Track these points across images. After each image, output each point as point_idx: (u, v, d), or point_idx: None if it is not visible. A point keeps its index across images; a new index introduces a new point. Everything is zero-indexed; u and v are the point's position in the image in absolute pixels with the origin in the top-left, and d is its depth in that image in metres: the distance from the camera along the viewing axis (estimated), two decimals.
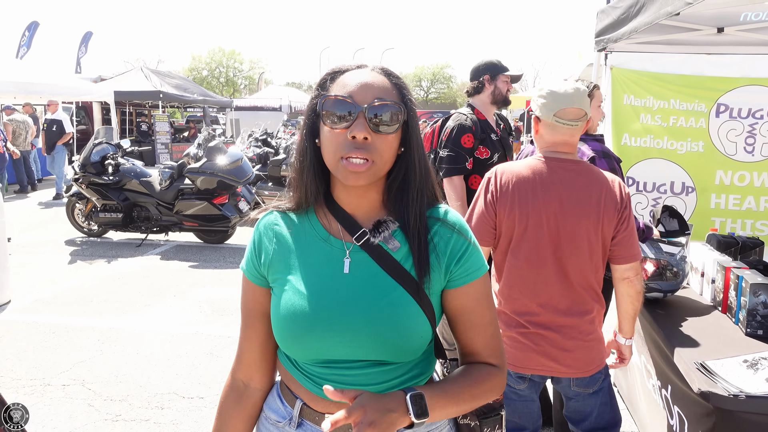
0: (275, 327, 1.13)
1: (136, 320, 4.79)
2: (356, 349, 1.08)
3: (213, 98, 19.53)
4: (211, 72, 52.02)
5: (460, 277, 1.14)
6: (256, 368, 1.22)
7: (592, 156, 2.57)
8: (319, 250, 1.14)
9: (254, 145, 10.19)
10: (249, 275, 1.19)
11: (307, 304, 1.09)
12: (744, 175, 5.63)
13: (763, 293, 2.18)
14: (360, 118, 1.05)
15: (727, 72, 5.30)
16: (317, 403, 1.13)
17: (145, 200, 7.36)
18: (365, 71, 1.11)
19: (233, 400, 1.23)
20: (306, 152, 1.13)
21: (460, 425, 1.22)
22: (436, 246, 1.14)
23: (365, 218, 1.15)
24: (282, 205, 1.20)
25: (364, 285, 1.10)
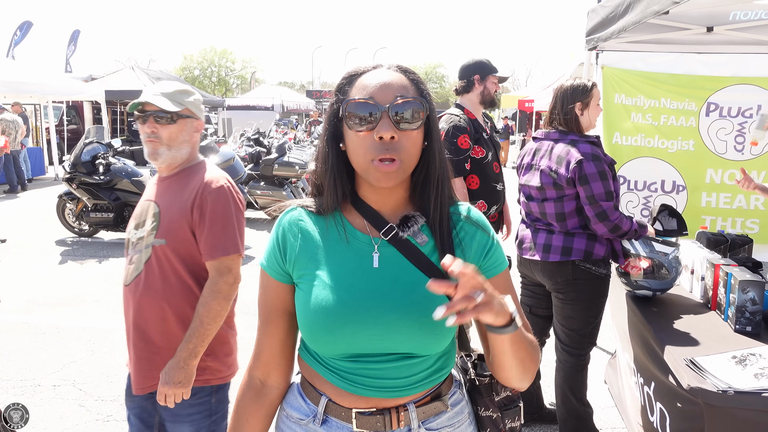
0: (304, 322, 1.13)
1: None
2: (387, 342, 1.09)
3: (205, 97, 19.45)
4: (203, 71, 51.80)
5: (489, 269, 1.17)
6: (275, 366, 1.22)
7: (579, 159, 2.58)
8: (346, 246, 1.14)
9: (246, 145, 10.16)
10: (270, 272, 1.18)
11: (339, 299, 1.09)
12: (734, 174, 5.66)
13: (752, 290, 2.20)
14: (384, 118, 1.06)
15: (717, 71, 5.34)
16: (344, 399, 1.14)
17: (137, 200, 7.30)
18: (382, 71, 1.12)
19: (250, 398, 1.22)
20: (329, 157, 1.13)
21: (482, 418, 1.23)
22: (462, 241, 1.16)
23: (391, 214, 1.16)
24: (306, 203, 1.20)
25: (394, 279, 1.11)
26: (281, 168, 8.77)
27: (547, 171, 2.70)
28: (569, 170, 2.59)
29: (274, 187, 8.84)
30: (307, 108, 26.01)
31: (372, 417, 1.12)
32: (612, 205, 2.58)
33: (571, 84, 2.76)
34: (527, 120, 20.00)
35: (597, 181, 2.55)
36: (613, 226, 2.57)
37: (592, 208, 2.58)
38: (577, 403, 2.81)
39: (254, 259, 6.78)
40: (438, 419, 1.17)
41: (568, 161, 2.60)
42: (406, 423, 1.14)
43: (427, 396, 1.17)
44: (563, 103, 2.74)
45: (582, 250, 2.67)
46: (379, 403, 1.13)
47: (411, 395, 1.14)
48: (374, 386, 1.11)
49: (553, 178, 2.67)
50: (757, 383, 1.78)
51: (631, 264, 2.60)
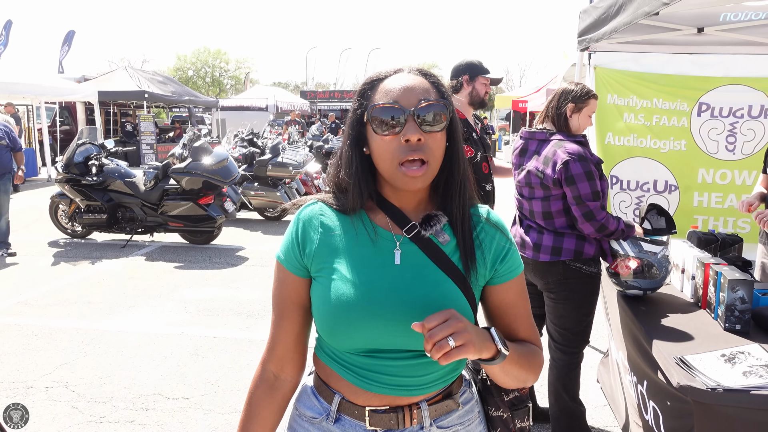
0: (322, 315, 1.13)
1: (120, 321, 4.76)
2: (405, 338, 1.10)
3: (199, 98, 19.42)
4: (197, 72, 51.66)
5: (505, 274, 1.19)
6: (289, 359, 1.22)
7: (566, 160, 2.60)
8: (368, 241, 1.15)
9: (240, 145, 10.15)
10: (287, 265, 1.19)
11: (361, 293, 1.10)
12: (725, 174, 5.71)
13: (741, 289, 2.21)
14: (410, 122, 1.08)
15: (709, 72, 5.37)
16: (358, 397, 1.15)
17: (130, 201, 7.30)
18: (403, 75, 1.14)
19: (263, 391, 1.23)
20: (353, 161, 1.15)
21: (493, 418, 1.25)
22: (482, 242, 1.18)
23: (413, 213, 1.18)
24: (327, 198, 1.21)
25: (415, 276, 1.13)
26: (275, 169, 8.76)
27: (534, 171, 2.72)
28: (556, 171, 2.61)
29: (267, 187, 8.83)
30: (302, 108, 25.98)
31: (385, 415, 1.14)
32: (599, 205, 2.60)
33: (574, 86, 2.79)
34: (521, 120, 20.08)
35: (584, 181, 2.57)
36: (600, 226, 2.59)
37: (579, 209, 2.59)
38: (570, 401, 2.82)
39: (248, 260, 6.78)
40: (449, 417, 1.19)
41: (555, 162, 2.62)
42: (418, 421, 1.15)
43: (439, 394, 1.18)
44: (558, 101, 2.77)
45: (572, 250, 2.68)
46: (392, 401, 1.14)
47: (424, 394, 1.16)
48: (389, 384, 1.13)
49: (540, 178, 2.69)
50: (746, 381, 1.80)
51: (620, 264, 2.61)
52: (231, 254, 7.07)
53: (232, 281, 5.92)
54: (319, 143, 12.01)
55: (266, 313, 4.98)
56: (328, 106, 30.16)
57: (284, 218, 9.36)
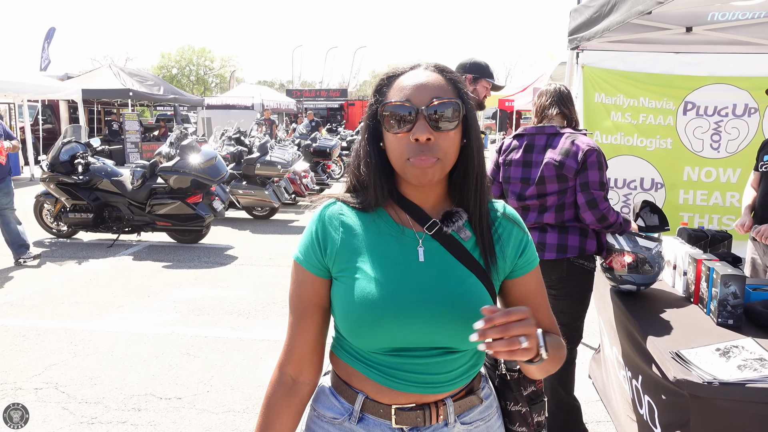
0: (347, 315, 1.12)
1: (109, 321, 4.71)
2: (432, 335, 1.10)
3: (184, 97, 19.24)
4: (181, 70, 51.20)
5: (524, 266, 1.21)
6: (307, 362, 1.21)
7: (586, 149, 2.66)
8: (390, 240, 1.15)
9: (227, 144, 10.08)
10: (307, 266, 1.17)
11: (387, 292, 1.09)
12: (710, 171, 5.79)
13: (733, 284, 2.25)
14: (420, 120, 1.07)
15: (694, 71, 5.45)
16: (383, 395, 1.14)
17: (117, 200, 7.23)
18: (419, 72, 1.13)
19: (281, 394, 1.20)
20: (371, 156, 1.15)
21: (511, 412, 1.26)
22: (501, 237, 1.20)
23: (432, 210, 1.18)
24: (345, 197, 1.20)
25: (440, 273, 1.13)
26: (263, 167, 8.72)
27: (551, 163, 2.73)
28: (578, 161, 2.66)
29: (256, 186, 8.79)
30: (288, 107, 25.86)
31: (412, 412, 1.13)
32: (602, 195, 2.65)
33: (557, 86, 2.86)
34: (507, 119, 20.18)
35: (595, 169, 2.63)
36: (601, 216, 2.63)
37: (584, 195, 2.64)
38: (566, 396, 2.85)
39: (237, 259, 6.74)
40: (471, 413, 1.19)
41: (576, 152, 2.67)
42: (444, 418, 1.15)
43: (462, 390, 1.19)
44: (566, 101, 2.82)
45: (576, 247, 2.72)
46: (419, 398, 1.14)
47: (449, 390, 1.16)
48: (416, 381, 1.12)
49: (558, 169, 2.71)
50: (741, 374, 1.82)
51: (615, 259, 2.64)
52: (220, 253, 7.03)
53: (222, 280, 5.89)
54: (307, 142, 11.97)
55: (256, 312, 4.96)
56: (315, 105, 30.06)
57: (272, 217, 9.33)
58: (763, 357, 1.92)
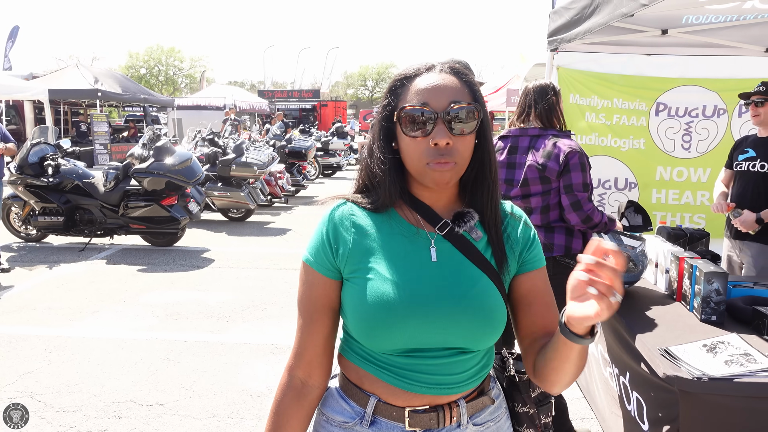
0: (360, 317, 1.10)
1: (84, 327, 4.59)
2: (446, 336, 1.09)
3: (154, 97, 18.90)
4: (150, 70, 50.35)
5: (532, 261, 1.21)
6: (317, 365, 1.19)
7: (568, 151, 2.68)
8: (403, 240, 1.14)
9: (201, 145, 9.94)
10: (318, 267, 1.16)
11: (402, 292, 1.08)
12: (682, 171, 5.93)
13: (716, 281, 2.30)
14: (439, 125, 1.07)
15: (666, 72, 5.57)
16: (397, 397, 1.13)
17: (89, 202, 7.06)
18: (435, 74, 1.12)
19: (291, 398, 1.18)
20: (385, 157, 1.14)
21: (519, 414, 1.25)
22: (509, 236, 1.20)
23: (443, 210, 1.18)
24: (356, 198, 1.19)
25: (453, 273, 1.12)
26: (239, 169, 8.63)
27: (534, 165, 2.75)
28: (560, 163, 2.67)
29: (231, 188, 8.69)
30: (260, 108, 25.63)
31: (426, 414, 1.13)
32: (586, 197, 2.68)
33: (542, 83, 2.85)
34: None
35: (578, 171, 2.65)
36: (586, 217, 2.66)
37: (568, 197, 2.67)
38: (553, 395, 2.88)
39: (214, 261, 6.65)
40: (482, 414, 1.19)
41: (558, 154, 2.69)
42: (457, 419, 1.15)
43: (475, 391, 1.18)
44: (540, 99, 2.82)
45: (562, 246, 2.74)
46: (433, 400, 1.13)
47: (463, 391, 1.15)
48: (430, 383, 1.11)
49: (540, 171, 2.73)
50: (728, 369, 1.87)
51: None
52: (196, 256, 6.92)
53: (199, 283, 5.80)
54: (282, 143, 11.88)
55: (236, 315, 4.90)
56: (287, 106, 29.88)
57: (248, 219, 9.23)
58: (748, 352, 1.97)
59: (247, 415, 3.27)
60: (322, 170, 15.47)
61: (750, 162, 3.45)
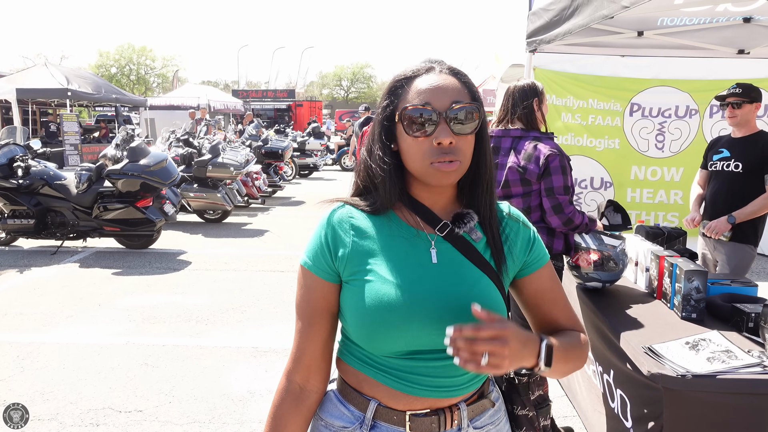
0: (359, 320, 1.10)
1: (58, 333, 4.49)
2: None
3: (126, 97, 18.56)
4: (121, 69, 49.51)
5: (535, 262, 1.22)
6: (316, 369, 1.18)
7: (548, 154, 2.68)
8: (403, 242, 1.14)
9: (175, 146, 9.80)
10: (317, 271, 1.15)
11: (403, 294, 1.08)
12: (656, 171, 6.04)
13: (696, 279, 2.34)
14: (442, 124, 1.08)
15: (640, 73, 5.67)
16: (398, 401, 1.12)
17: (60, 205, 6.90)
18: (435, 74, 1.13)
19: (289, 403, 1.17)
20: (386, 158, 1.14)
21: (518, 416, 1.25)
22: (508, 237, 1.20)
23: (442, 211, 1.18)
24: (354, 200, 1.19)
25: (454, 274, 1.12)
26: (215, 169, 8.52)
27: (514, 167, 2.77)
28: (540, 165, 2.68)
29: (207, 189, 8.58)
30: (235, 108, 25.37)
31: (426, 418, 1.12)
32: (567, 199, 2.69)
33: (525, 83, 2.86)
34: None
35: (559, 174, 2.66)
36: (567, 219, 2.68)
37: (549, 200, 2.68)
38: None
39: (191, 264, 6.55)
40: (482, 417, 1.19)
41: (538, 157, 2.69)
42: (458, 423, 1.14)
43: (475, 394, 1.18)
44: (521, 100, 2.82)
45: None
46: (434, 403, 1.13)
47: (463, 394, 1.15)
48: (431, 385, 1.11)
49: (521, 174, 2.74)
50: (711, 366, 1.90)
51: (582, 257, 2.71)
52: (172, 258, 6.82)
53: (177, 286, 5.71)
54: (258, 143, 11.78)
55: (215, 318, 4.83)
56: (262, 106, 29.62)
57: (225, 220, 9.12)
58: (729, 349, 2.00)
59: (228, 419, 3.23)
60: (299, 171, 15.38)
61: (724, 162, 3.53)
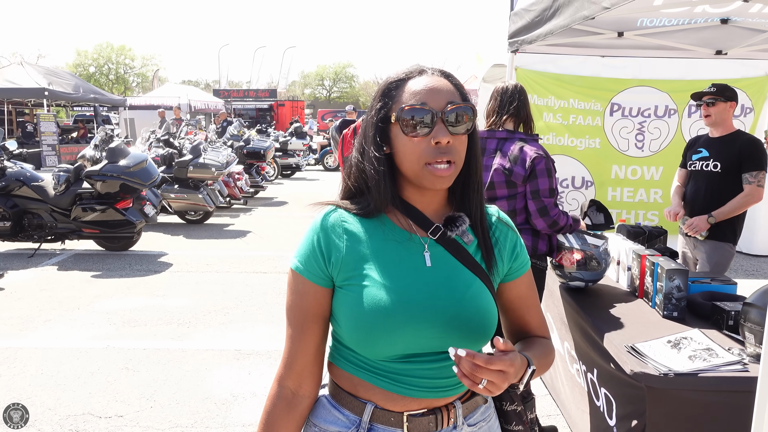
0: (355, 324, 1.09)
1: (36, 337, 4.40)
2: (443, 340, 1.10)
3: (105, 96, 18.30)
4: (99, 68, 48.80)
5: (518, 269, 1.24)
6: (308, 374, 1.17)
7: (534, 156, 2.68)
8: (396, 246, 1.14)
9: (155, 146, 9.68)
10: (309, 275, 1.14)
11: (398, 298, 1.08)
12: (636, 170, 6.11)
13: (677, 278, 2.37)
14: (439, 124, 1.08)
15: (620, 74, 5.74)
16: (395, 403, 1.12)
17: (38, 206, 6.78)
18: (428, 76, 1.14)
19: (281, 409, 1.16)
20: (379, 161, 1.13)
21: (507, 412, 1.27)
22: (498, 240, 1.22)
23: (434, 215, 1.18)
24: (345, 204, 1.18)
25: (448, 277, 1.13)
26: (196, 170, 8.44)
27: (500, 169, 2.76)
28: (526, 168, 2.68)
29: (188, 189, 8.49)
30: (216, 107, 25.16)
31: (424, 418, 1.13)
32: (552, 202, 2.70)
33: (509, 85, 2.86)
34: None
35: (545, 177, 2.67)
36: (552, 222, 2.69)
37: (535, 203, 2.68)
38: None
39: (172, 266, 6.48)
40: (475, 414, 1.20)
41: (524, 159, 2.69)
42: (454, 420, 1.16)
43: (468, 392, 1.20)
44: (511, 101, 2.83)
45: (529, 246, 2.76)
46: (430, 403, 1.13)
47: (458, 393, 1.17)
48: (427, 386, 1.12)
49: (507, 175, 2.74)
50: (693, 365, 1.92)
51: (565, 257, 2.72)
52: (153, 260, 6.74)
53: (157, 289, 5.64)
54: (240, 143, 11.69)
55: (197, 321, 4.78)
56: (243, 105, 29.42)
57: (206, 221, 9.04)
58: (710, 347, 2.03)
59: (211, 423, 3.19)
60: (281, 171, 15.30)
61: (703, 162, 3.57)
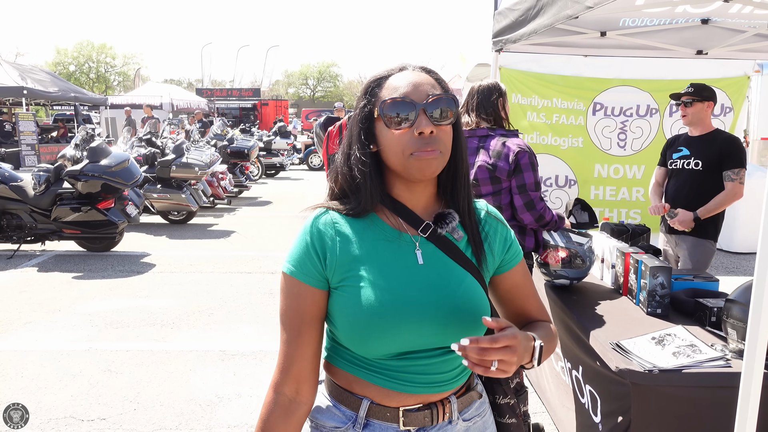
0: (354, 325, 1.09)
1: (16, 340, 4.33)
2: (438, 336, 1.10)
3: (85, 95, 18.04)
4: (79, 67, 48.16)
5: (511, 260, 1.26)
6: (305, 379, 1.15)
7: (517, 150, 2.70)
8: (387, 245, 1.15)
9: (137, 145, 9.58)
10: (304, 278, 1.13)
11: (393, 297, 1.09)
12: (618, 168, 6.18)
13: (661, 275, 2.39)
14: (422, 115, 1.10)
15: (602, 73, 5.79)
16: (390, 399, 1.13)
17: (17, 207, 6.67)
18: (409, 72, 1.16)
19: (277, 417, 1.13)
20: (366, 160, 1.14)
21: (500, 405, 1.29)
22: (488, 234, 1.23)
23: (423, 212, 1.19)
24: (335, 206, 1.18)
25: (440, 274, 1.14)
26: (179, 169, 8.36)
27: (484, 166, 2.77)
28: (510, 162, 2.69)
29: (171, 189, 8.41)
30: (199, 107, 24.96)
31: (419, 413, 1.14)
32: (538, 196, 2.72)
33: (488, 83, 2.88)
34: None
35: (529, 171, 2.69)
36: (539, 216, 2.71)
37: (522, 197, 2.70)
38: None
39: (155, 266, 6.41)
40: (470, 409, 1.21)
41: (507, 154, 2.71)
42: (449, 415, 1.17)
43: (463, 387, 1.21)
44: (487, 99, 2.84)
45: None
46: (426, 398, 1.14)
47: (453, 388, 1.18)
48: (422, 382, 1.12)
49: (491, 171, 2.74)
50: (677, 361, 1.94)
51: (550, 254, 2.74)
52: (135, 261, 6.66)
53: (140, 290, 5.58)
54: (223, 143, 11.60)
55: (181, 321, 4.73)
56: (227, 105, 29.22)
57: (190, 221, 8.96)
58: (694, 343, 2.05)
59: (196, 425, 3.16)
60: (265, 170, 15.22)
61: (684, 160, 3.61)
